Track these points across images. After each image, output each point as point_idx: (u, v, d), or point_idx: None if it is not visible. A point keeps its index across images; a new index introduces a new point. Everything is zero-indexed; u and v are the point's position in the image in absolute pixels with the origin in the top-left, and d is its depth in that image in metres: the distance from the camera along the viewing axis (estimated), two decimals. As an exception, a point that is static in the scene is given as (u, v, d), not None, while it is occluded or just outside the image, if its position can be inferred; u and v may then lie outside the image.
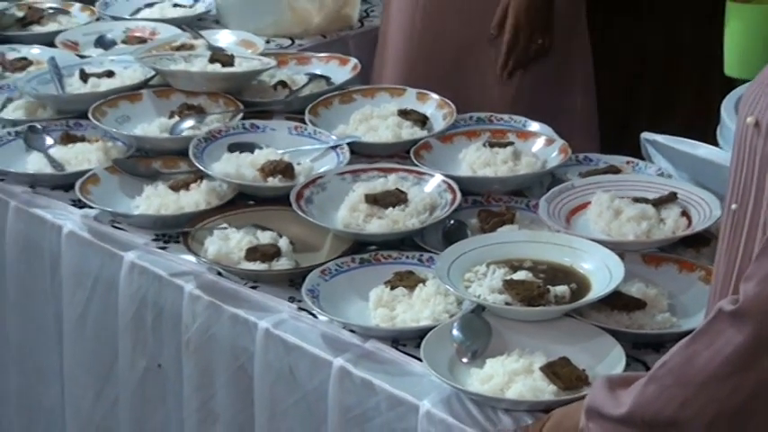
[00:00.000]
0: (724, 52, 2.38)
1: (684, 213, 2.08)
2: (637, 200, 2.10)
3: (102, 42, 2.91)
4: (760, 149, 1.40)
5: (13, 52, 2.87)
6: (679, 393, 1.37)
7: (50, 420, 2.40)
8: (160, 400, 2.18)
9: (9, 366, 2.46)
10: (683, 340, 1.39)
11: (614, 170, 2.31)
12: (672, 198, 2.11)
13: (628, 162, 2.35)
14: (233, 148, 2.35)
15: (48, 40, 2.93)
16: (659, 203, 2.09)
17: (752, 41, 2.33)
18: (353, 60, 2.72)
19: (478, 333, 1.84)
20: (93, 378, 2.27)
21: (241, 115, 2.49)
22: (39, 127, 2.50)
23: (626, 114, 3.06)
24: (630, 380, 1.44)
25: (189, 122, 2.47)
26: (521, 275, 1.91)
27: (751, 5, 2.35)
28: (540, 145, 2.37)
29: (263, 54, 2.75)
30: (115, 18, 3.07)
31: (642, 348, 1.79)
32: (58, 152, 2.42)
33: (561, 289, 1.87)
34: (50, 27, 3.03)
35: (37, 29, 3.02)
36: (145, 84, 2.61)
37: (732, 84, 2.40)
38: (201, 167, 2.27)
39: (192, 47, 2.76)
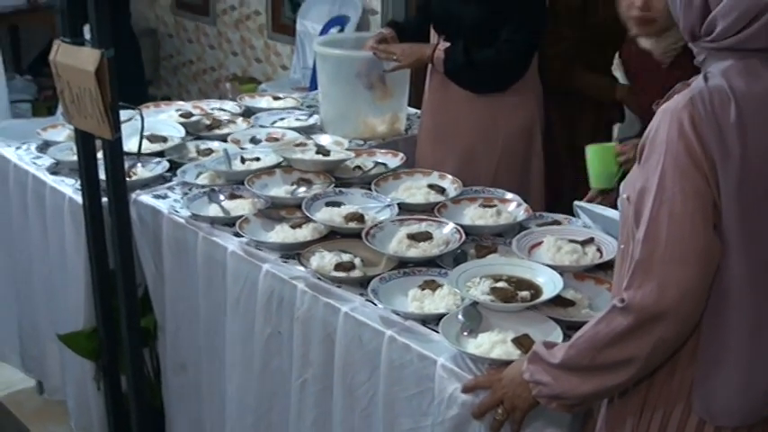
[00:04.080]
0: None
1: (599, 249, 2.05)
2: (571, 241, 2.06)
3: (254, 140, 2.90)
4: (631, 214, 1.40)
5: (203, 145, 2.85)
6: (588, 353, 1.41)
7: (218, 361, 2.37)
8: (278, 353, 2.15)
9: (199, 330, 2.43)
10: (591, 321, 1.45)
11: (557, 222, 2.27)
12: (591, 240, 2.07)
13: (565, 218, 2.30)
14: (328, 204, 2.32)
15: (223, 138, 2.92)
16: (584, 243, 2.06)
17: (605, 167, 2.40)
18: (401, 154, 2.69)
19: (474, 318, 1.83)
20: (241, 337, 2.24)
21: (333, 185, 2.47)
22: (216, 189, 2.49)
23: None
24: (556, 344, 1.52)
25: (302, 188, 2.44)
26: (500, 284, 1.88)
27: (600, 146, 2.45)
28: (513, 206, 2.34)
29: (347, 149, 2.73)
30: (262, 126, 3.05)
31: (572, 330, 1.73)
32: (227, 204, 2.40)
33: (524, 293, 1.85)
34: (224, 130, 3.01)
35: (216, 131, 3.01)
36: (277, 165, 2.60)
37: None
38: (309, 215, 2.25)
39: (305, 144, 2.73)
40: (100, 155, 2.43)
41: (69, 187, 2.61)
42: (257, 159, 2.63)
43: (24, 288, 2.91)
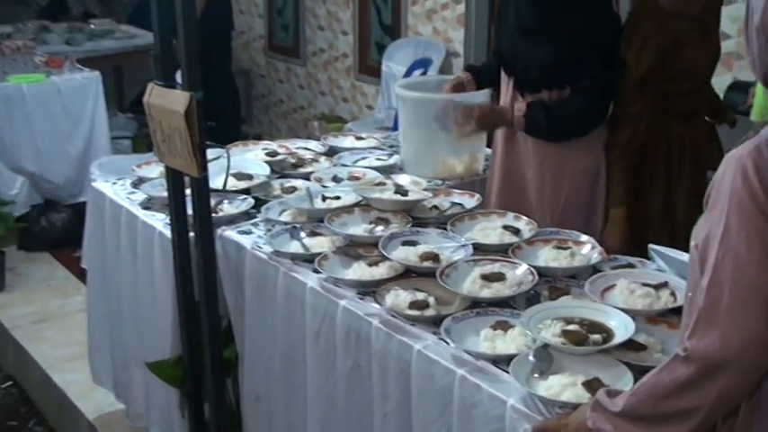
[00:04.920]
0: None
1: (672, 294, 1.98)
2: (644, 284, 2.00)
3: (336, 179, 2.90)
4: (697, 262, 1.35)
5: (287, 182, 2.87)
6: (650, 402, 1.36)
7: (296, 392, 2.36)
8: (359, 385, 2.12)
9: (276, 360, 2.42)
10: (654, 370, 1.40)
11: (631, 266, 2.21)
12: (665, 284, 2.01)
13: (639, 261, 2.23)
14: (405, 243, 2.30)
15: (306, 176, 2.93)
16: (657, 287, 1.99)
17: None
18: (477, 195, 2.66)
19: (545, 360, 1.78)
20: (323, 370, 2.23)
21: (410, 225, 2.45)
22: (298, 226, 2.49)
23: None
24: (620, 392, 1.45)
25: (380, 227, 2.43)
26: (572, 327, 1.83)
27: None
28: (588, 249, 2.27)
29: (425, 189, 2.71)
30: (344, 165, 3.06)
31: (644, 375, 1.68)
32: (307, 241, 2.41)
33: (596, 337, 1.80)
34: (308, 169, 3.02)
35: (301, 170, 3.02)
36: (356, 204, 2.59)
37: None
38: (385, 254, 2.23)
39: (384, 183, 2.72)
40: (189, 191, 2.47)
41: (160, 222, 2.66)
42: (338, 198, 2.62)
43: (116, 316, 2.96)
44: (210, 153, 2.71)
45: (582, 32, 2.62)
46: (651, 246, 2.22)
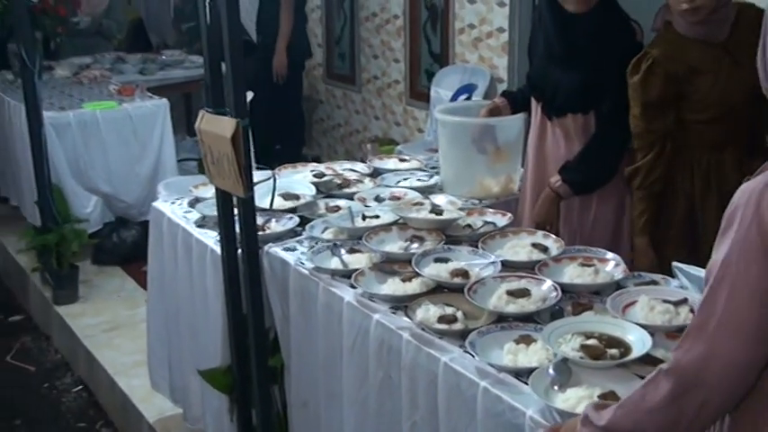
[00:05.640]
0: None
1: (692, 310, 1.93)
2: (665, 301, 1.96)
3: (378, 199, 2.91)
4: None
5: (332, 202, 2.89)
6: (633, 415, 1.33)
7: (336, 399, 2.37)
8: (390, 395, 2.12)
9: (318, 371, 2.43)
10: (639, 385, 1.37)
11: (654, 282, 2.17)
12: (684, 301, 1.96)
13: (662, 278, 2.19)
14: (437, 260, 2.30)
15: (350, 196, 2.94)
16: (677, 304, 1.95)
17: None
18: (509, 214, 2.63)
19: (564, 373, 1.76)
20: (357, 380, 2.23)
21: (443, 242, 2.44)
22: (338, 243, 2.50)
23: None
24: (608, 405, 1.41)
25: (415, 245, 2.43)
26: (591, 342, 1.81)
27: None
28: (612, 266, 2.24)
29: (460, 208, 2.70)
30: (387, 186, 3.06)
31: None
32: (347, 258, 2.42)
33: (614, 351, 1.78)
34: (353, 189, 3.03)
35: (346, 190, 3.03)
36: (394, 223, 2.59)
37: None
38: (418, 270, 2.23)
39: (421, 203, 2.71)
40: (237, 211, 2.50)
41: (212, 239, 2.70)
42: (377, 217, 2.63)
43: (173, 326, 3.01)
44: (259, 175, 2.77)
45: (606, 60, 2.61)
46: (675, 263, 2.18)
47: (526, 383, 1.76)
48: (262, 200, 2.71)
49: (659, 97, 2.48)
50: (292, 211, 2.80)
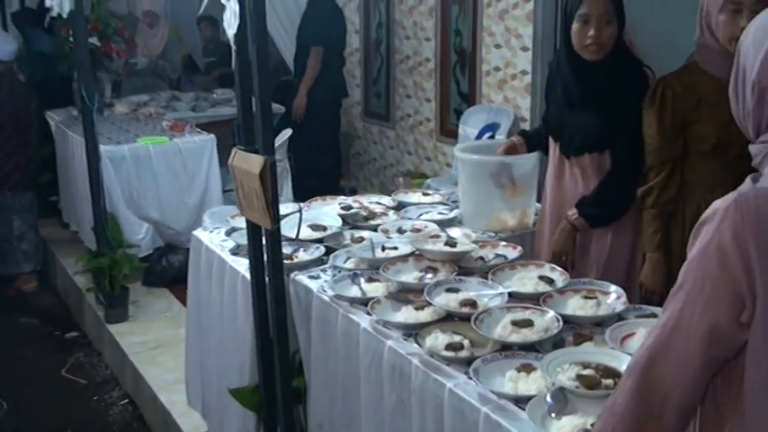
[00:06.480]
0: None
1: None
2: (662, 334, 1.92)
3: (400, 230, 2.90)
4: None
5: (357, 233, 2.89)
6: (609, 422, 1.34)
7: (353, 422, 2.35)
8: (402, 418, 2.10)
9: (337, 394, 2.42)
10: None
11: (653, 315, 2.11)
12: (681, 334, 1.91)
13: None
14: (448, 290, 2.28)
15: (374, 228, 2.94)
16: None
17: None
18: (519, 247, 2.61)
19: (561, 401, 1.72)
20: (373, 403, 2.21)
21: (456, 273, 2.42)
22: (358, 273, 2.50)
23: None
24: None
25: (429, 275, 2.42)
26: (587, 372, 1.77)
27: None
28: (613, 299, 2.21)
29: (476, 241, 2.68)
30: (409, 218, 3.06)
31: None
32: (365, 286, 2.42)
33: (608, 381, 1.73)
34: (377, 221, 3.03)
35: (371, 222, 3.04)
36: (411, 254, 2.58)
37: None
38: (429, 300, 2.22)
39: (438, 236, 2.71)
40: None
41: (243, 266, 2.71)
42: (395, 248, 2.63)
43: (206, 347, 3.02)
44: (289, 207, 2.79)
45: (621, 103, 2.60)
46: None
47: (524, 410, 1.73)
48: (291, 230, 2.73)
49: (672, 117, 2.44)
50: (319, 241, 2.81)
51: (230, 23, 2.31)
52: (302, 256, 2.71)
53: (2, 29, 6.46)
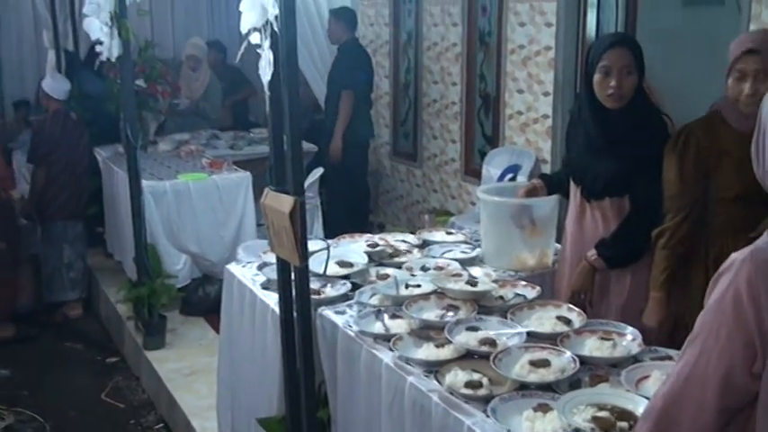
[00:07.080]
0: None
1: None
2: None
3: (424, 268, 2.88)
4: None
5: (382, 270, 2.86)
6: None
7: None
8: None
9: (360, 425, 2.38)
10: None
11: (669, 357, 2.07)
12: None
13: (677, 353, 2.08)
14: (468, 328, 2.25)
15: (399, 265, 2.92)
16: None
17: None
18: (538, 287, 2.57)
19: (576, 442, 1.68)
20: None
21: (476, 312, 2.39)
22: (382, 309, 2.48)
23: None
24: None
25: (450, 313, 2.39)
26: (602, 414, 1.72)
27: None
28: (629, 339, 2.16)
29: (494, 281, 2.64)
30: (433, 257, 3.03)
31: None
32: (389, 323, 2.39)
33: (623, 424, 1.69)
34: (402, 259, 3.01)
35: (396, 260, 3.02)
36: (433, 292, 2.55)
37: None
38: (450, 338, 2.19)
39: (460, 274, 2.67)
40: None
41: (273, 300, 2.70)
42: (419, 286, 2.60)
43: (237, 377, 3.01)
44: (317, 244, 2.78)
45: (641, 149, 2.57)
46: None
47: (541, 450, 1.70)
48: (319, 266, 2.72)
49: (693, 166, 2.41)
50: (346, 277, 2.80)
51: (265, 71, 2.32)
52: (329, 291, 2.70)
53: (57, 71, 6.59)
